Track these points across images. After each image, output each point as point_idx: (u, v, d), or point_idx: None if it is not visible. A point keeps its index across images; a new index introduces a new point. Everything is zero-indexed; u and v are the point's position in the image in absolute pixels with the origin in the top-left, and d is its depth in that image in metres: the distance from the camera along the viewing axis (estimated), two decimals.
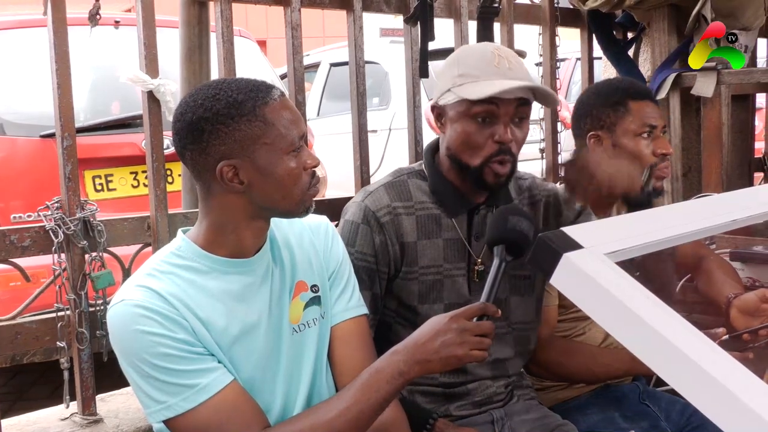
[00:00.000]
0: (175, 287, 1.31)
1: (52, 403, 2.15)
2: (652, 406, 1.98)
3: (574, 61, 6.74)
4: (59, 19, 1.86)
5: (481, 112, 1.60)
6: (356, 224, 1.66)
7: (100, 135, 3.36)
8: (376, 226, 1.65)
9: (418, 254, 1.67)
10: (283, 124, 1.31)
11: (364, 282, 1.63)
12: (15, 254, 1.89)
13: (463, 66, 1.64)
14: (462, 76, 1.63)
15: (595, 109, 2.01)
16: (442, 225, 1.69)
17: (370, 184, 1.77)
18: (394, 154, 5.32)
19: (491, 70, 1.60)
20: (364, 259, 1.65)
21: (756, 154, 3.81)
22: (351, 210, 1.70)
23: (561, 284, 0.77)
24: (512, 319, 1.77)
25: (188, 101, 1.32)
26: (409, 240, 1.66)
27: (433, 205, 1.70)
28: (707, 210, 1.01)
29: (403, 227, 1.66)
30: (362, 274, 1.63)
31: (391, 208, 1.67)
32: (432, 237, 1.68)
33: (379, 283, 1.67)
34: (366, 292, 1.63)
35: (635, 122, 1.96)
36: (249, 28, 4.50)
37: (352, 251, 1.63)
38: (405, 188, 1.70)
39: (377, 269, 1.66)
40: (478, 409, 1.74)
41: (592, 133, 2.00)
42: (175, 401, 1.27)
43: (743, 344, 1.72)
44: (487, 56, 1.63)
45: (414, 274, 1.67)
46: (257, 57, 4.21)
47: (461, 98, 1.61)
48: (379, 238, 1.65)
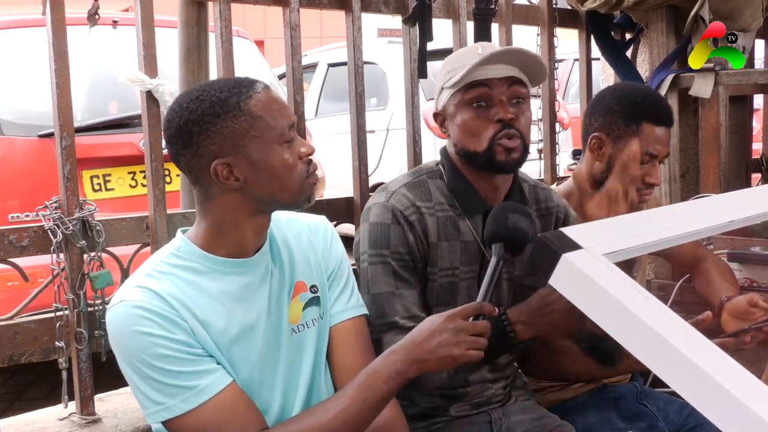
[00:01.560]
0: (174, 288, 1.31)
1: (51, 403, 2.15)
2: (649, 406, 1.98)
3: (572, 62, 6.74)
4: (58, 18, 1.86)
5: (475, 96, 1.61)
6: (386, 225, 1.62)
7: (98, 135, 3.36)
8: (406, 224, 1.62)
9: (438, 255, 1.66)
10: (270, 115, 1.31)
11: (406, 280, 1.61)
12: (13, 254, 1.89)
13: (449, 64, 1.69)
14: (449, 72, 1.66)
15: (610, 114, 1.95)
16: (459, 227, 1.68)
17: (386, 184, 1.73)
18: (392, 155, 5.33)
19: (475, 56, 1.62)
20: (401, 259, 1.62)
21: (754, 155, 3.81)
22: (375, 212, 1.65)
23: (560, 285, 0.77)
24: None
25: (174, 107, 1.33)
26: (433, 240, 1.65)
27: (449, 207, 1.68)
28: (705, 211, 1.01)
29: (428, 227, 1.65)
30: (404, 273, 1.61)
31: (416, 207, 1.65)
32: (451, 239, 1.67)
33: (419, 279, 1.64)
34: (412, 290, 1.61)
35: (640, 146, 1.89)
36: (247, 28, 4.50)
37: (387, 253, 1.61)
38: (426, 189, 1.69)
39: (415, 266, 1.63)
40: (476, 409, 1.74)
41: (596, 134, 1.97)
42: (174, 402, 1.27)
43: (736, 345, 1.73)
44: (470, 49, 1.68)
45: (435, 275, 1.66)
46: (255, 57, 4.21)
47: (453, 89, 1.63)
48: (411, 235, 1.62)
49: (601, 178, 1.97)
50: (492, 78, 1.60)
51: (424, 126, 2.79)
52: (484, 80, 1.60)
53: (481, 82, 1.61)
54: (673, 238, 0.90)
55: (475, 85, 1.61)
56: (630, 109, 1.93)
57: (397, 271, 1.60)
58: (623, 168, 1.81)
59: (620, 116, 1.94)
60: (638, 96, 1.97)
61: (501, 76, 1.60)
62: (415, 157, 2.50)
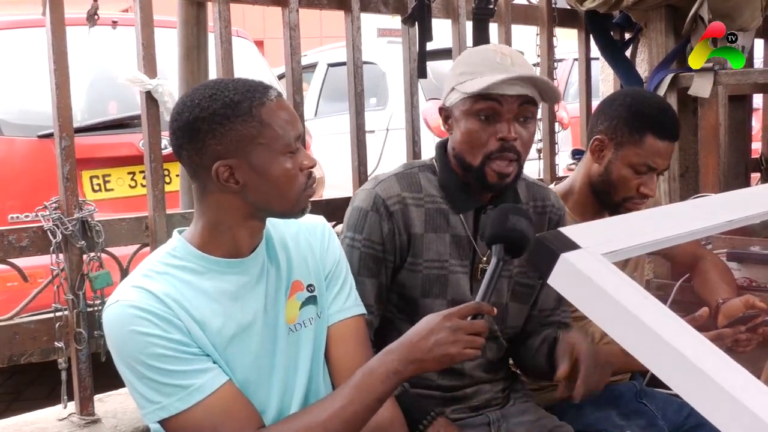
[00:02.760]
0: (170, 288, 1.31)
1: (50, 403, 2.15)
2: (648, 405, 1.98)
3: (572, 62, 6.74)
4: (58, 19, 1.86)
5: (484, 108, 1.60)
6: (365, 211, 1.65)
7: (97, 135, 3.36)
8: (385, 213, 1.64)
9: (424, 247, 1.66)
10: (279, 124, 1.31)
11: (370, 269, 1.64)
12: (13, 254, 1.89)
13: (464, 65, 1.66)
14: (464, 73, 1.63)
15: (617, 119, 1.93)
16: (450, 220, 1.68)
17: (380, 174, 1.75)
18: (391, 155, 5.32)
19: (493, 65, 1.60)
20: (372, 247, 1.64)
21: (753, 155, 3.81)
22: (360, 196, 1.68)
23: (558, 284, 0.77)
24: (507, 323, 1.77)
25: (185, 101, 1.32)
26: (417, 231, 1.66)
27: (441, 200, 1.69)
28: (704, 210, 1.01)
29: (412, 218, 1.65)
30: (369, 262, 1.63)
31: (401, 197, 1.66)
32: (439, 231, 1.67)
33: (385, 272, 1.66)
34: (372, 279, 1.64)
35: (640, 157, 1.90)
36: (246, 29, 4.49)
37: (359, 238, 1.63)
38: (416, 180, 1.70)
39: (384, 257, 1.65)
40: (474, 412, 1.74)
41: (600, 137, 1.96)
42: (170, 402, 1.27)
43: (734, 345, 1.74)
44: (489, 54, 1.65)
45: (419, 266, 1.67)
46: (255, 57, 4.21)
47: (464, 95, 1.61)
48: (387, 226, 1.64)
49: (598, 181, 1.97)
50: (505, 95, 1.58)
51: (424, 126, 2.79)
52: (497, 95, 1.58)
53: (493, 97, 1.58)
54: (673, 238, 0.89)
55: (487, 98, 1.59)
56: (637, 118, 1.91)
57: (363, 258, 1.62)
58: (618, 171, 1.84)
59: (626, 123, 1.92)
60: (648, 107, 1.95)
61: (514, 94, 1.59)
62: (414, 157, 2.51)
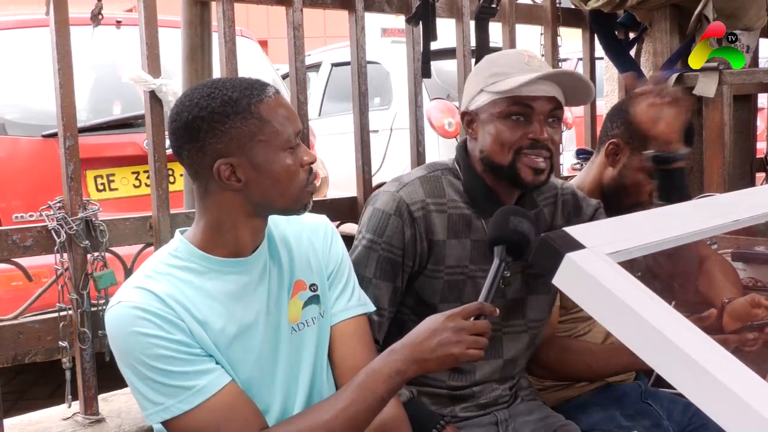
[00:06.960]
0: (172, 288, 1.31)
1: (54, 403, 2.15)
2: (654, 405, 1.98)
3: (576, 62, 6.74)
4: (62, 19, 1.87)
5: (516, 111, 1.60)
6: (387, 214, 1.63)
7: (101, 135, 3.36)
8: (408, 219, 1.62)
9: (445, 253, 1.65)
10: (278, 120, 1.31)
11: (387, 273, 1.62)
12: (17, 254, 1.89)
13: (494, 66, 1.65)
14: (494, 75, 1.63)
15: (634, 125, 1.91)
16: (471, 226, 1.67)
17: (401, 175, 1.73)
18: (395, 155, 5.32)
19: (523, 67, 1.61)
20: (391, 251, 1.63)
21: (758, 155, 3.81)
22: (383, 199, 1.66)
23: (563, 284, 0.77)
24: (529, 317, 1.76)
25: (183, 101, 1.33)
26: (438, 238, 1.65)
27: (464, 205, 1.68)
28: (709, 210, 1.00)
29: (434, 224, 1.64)
30: (387, 266, 1.62)
31: (424, 203, 1.64)
32: (460, 237, 1.66)
33: (402, 277, 1.65)
34: (388, 283, 1.63)
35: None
36: (250, 28, 4.51)
37: (379, 241, 1.62)
38: (439, 185, 1.68)
39: (402, 262, 1.64)
40: (482, 410, 1.74)
41: (615, 140, 1.95)
42: (173, 403, 1.27)
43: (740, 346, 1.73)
44: (517, 56, 1.66)
45: (440, 273, 1.66)
46: (259, 57, 4.22)
47: (495, 96, 1.61)
48: (410, 231, 1.63)
49: (610, 185, 1.97)
50: (537, 97, 1.59)
51: (428, 125, 2.79)
52: (529, 98, 1.59)
53: (525, 101, 1.59)
54: (678, 238, 0.89)
55: (519, 101, 1.59)
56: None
57: (381, 261, 1.61)
58: (632, 174, 1.82)
59: (643, 129, 1.90)
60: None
61: (546, 95, 1.59)
62: (418, 157, 2.50)
